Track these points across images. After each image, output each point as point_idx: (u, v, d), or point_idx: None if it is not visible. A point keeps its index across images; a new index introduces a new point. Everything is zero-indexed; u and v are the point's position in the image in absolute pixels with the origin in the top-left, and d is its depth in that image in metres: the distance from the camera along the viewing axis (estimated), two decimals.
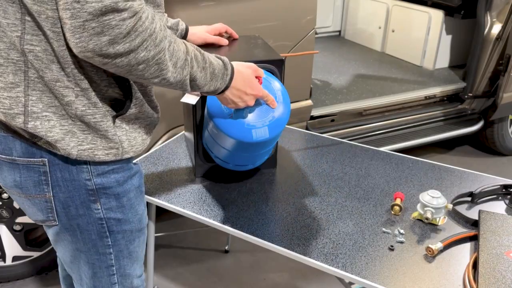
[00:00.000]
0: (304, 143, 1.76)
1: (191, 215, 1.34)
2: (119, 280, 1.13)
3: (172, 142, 1.74)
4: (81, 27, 0.77)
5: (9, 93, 0.90)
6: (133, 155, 1.02)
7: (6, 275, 2.06)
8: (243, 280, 2.18)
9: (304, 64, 2.35)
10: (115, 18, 0.77)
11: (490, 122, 3.12)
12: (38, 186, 0.98)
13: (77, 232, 1.04)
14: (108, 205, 1.03)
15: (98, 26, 0.77)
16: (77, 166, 0.97)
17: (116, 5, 0.77)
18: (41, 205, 1.00)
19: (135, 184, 1.06)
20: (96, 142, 0.95)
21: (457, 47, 3.37)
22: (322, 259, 1.17)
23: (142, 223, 1.13)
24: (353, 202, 1.40)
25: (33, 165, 0.96)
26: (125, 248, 1.10)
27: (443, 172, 1.57)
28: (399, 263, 1.16)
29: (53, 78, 0.89)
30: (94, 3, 0.75)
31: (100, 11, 0.76)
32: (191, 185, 1.47)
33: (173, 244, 2.41)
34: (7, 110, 0.91)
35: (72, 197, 0.99)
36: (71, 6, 0.76)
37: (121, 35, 0.79)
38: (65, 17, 0.77)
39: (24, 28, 0.85)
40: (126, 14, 0.78)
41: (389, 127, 2.84)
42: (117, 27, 0.78)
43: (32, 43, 0.87)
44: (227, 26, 1.51)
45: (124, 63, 0.83)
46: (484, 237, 1.20)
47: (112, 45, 0.79)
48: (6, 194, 1.92)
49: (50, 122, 0.92)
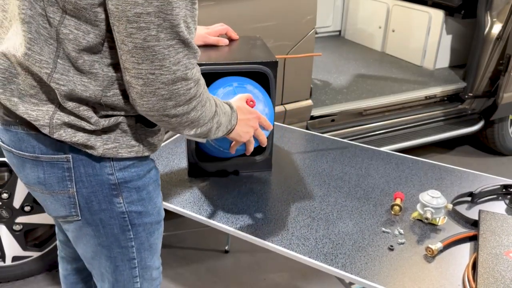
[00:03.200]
0: (304, 143, 1.75)
1: (191, 215, 1.34)
2: (140, 273, 1.15)
3: (172, 142, 1.74)
4: (152, 93, 0.86)
5: (39, 107, 0.94)
6: (151, 153, 1.06)
7: (6, 275, 2.06)
8: (243, 280, 2.18)
9: (304, 64, 2.35)
10: (183, 87, 0.88)
11: (490, 122, 3.12)
12: (61, 182, 1.00)
13: (100, 227, 1.06)
14: (130, 199, 1.05)
15: (168, 93, 0.87)
16: (100, 162, 0.99)
17: (185, 75, 0.87)
18: (64, 200, 1.02)
19: (153, 177, 1.09)
20: (119, 141, 0.98)
21: (457, 47, 3.37)
22: (322, 259, 1.17)
23: (161, 216, 1.15)
24: (353, 202, 1.40)
25: (57, 162, 0.98)
26: (145, 241, 1.12)
27: (443, 172, 1.57)
28: (398, 263, 1.16)
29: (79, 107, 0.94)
30: (168, 75, 0.85)
31: (172, 81, 0.86)
32: (191, 185, 1.47)
33: (173, 244, 2.41)
34: (33, 120, 0.94)
35: (95, 192, 1.01)
36: (145, 77, 0.84)
37: (185, 100, 0.90)
38: (135, 83, 0.86)
39: (55, 67, 0.89)
40: (192, 83, 0.89)
41: (389, 127, 2.84)
42: (183, 94, 0.89)
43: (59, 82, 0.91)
44: (227, 27, 1.50)
45: (177, 121, 0.94)
46: (483, 237, 1.20)
47: (175, 108, 0.90)
48: (6, 194, 1.93)
49: (73, 128, 0.95)
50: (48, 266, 2.12)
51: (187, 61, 0.86)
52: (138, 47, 0.82)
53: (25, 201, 1.96)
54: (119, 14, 0.80)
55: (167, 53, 0.83)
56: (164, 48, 0.82)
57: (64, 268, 1.47)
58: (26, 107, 0.93)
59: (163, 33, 0.81)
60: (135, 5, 0.78)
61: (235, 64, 1.34)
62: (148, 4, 0.78)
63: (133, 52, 0.83)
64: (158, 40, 0.81)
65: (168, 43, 0.82)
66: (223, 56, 1.39)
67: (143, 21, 0.80)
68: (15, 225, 2.00)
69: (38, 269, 2.11)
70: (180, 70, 0.85)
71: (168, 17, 0.80)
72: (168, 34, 0.81)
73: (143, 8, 0.78)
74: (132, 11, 0.79)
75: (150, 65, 0.83)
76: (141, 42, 0.81)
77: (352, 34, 3.98)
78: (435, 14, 3.22)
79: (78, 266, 1.44)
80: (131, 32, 0.81)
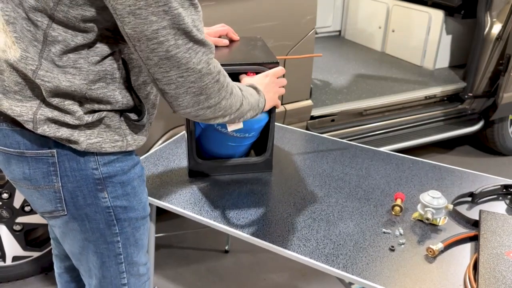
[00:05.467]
0: (304, 143, 1.76)
1: (191, 216, 1.34)
2: (126, 268, 1.17)
3: (172, 142, 1.74)
4: (185, 93, 0.94)
5: (23, 103, 0.96)
6: (135, 148, 1.08)
7: (6, 275, 2.06)
8: (243, 280, 2.18)
9: (304, 64, 2.35)
10: (210, 80, 0.96)
11: (490, 122, 3.12)
12: (47, 177, 1.01)
13: (86, 222, 1.07)
14: (115, 194, 1.07)
15: (198, 89, 0.95)
16: (84, 157, 1.01)
17: (209, 70, 0.95)
18: (50, 195, 1.04)
19: (137, 173, 1.11)
20: (103, 135, 1.01)
21: (457, 47, 3.37)
22: (323, 259, 1.17)
23: (146, 211, 1.17)
24: (353, 203, 1.40)
25: (42, 157, 1.00)
26: (131, 236, 1.14)
27: (443, 172, 1.57)
28: (399, 264, 1.16)
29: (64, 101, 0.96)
30: (195, 74, 0.92)
31: (200, 78, 0.94)
32: (191, 185, 1.47)
33: (173, 244, 2.41)
34: (17, 116, 0.96)
35: (80, 187, 1.03)
36: (176, 81, 0.92)
37: (214, 92, 0.98)
38: (168, 89, 0.93)
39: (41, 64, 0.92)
40: (216, 75, 0.97)
41: (389, 127, 2.84)
42: (212, 87, 0.97)
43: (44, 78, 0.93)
44: (228, 27, 1.50)
45: (211, 113, 1.02)
46: (484, 237, 1.20)
47: (207, 101, 0.98)
48: (6, 194, 1.92)
49: (57, 123, 0.97)
50: (48, 266, 2.12)
51: (207, 57, 0.94)
52: (163, 58, 0.89)
53: (25, 201, 1.96)
54: (138, 36, 0.87)
55: (189, 56, 0.90)
56: (185, 52, 0.90)
57: (58, 266, 1.48)
58: (10, 103, 0.96)
59: (180, 40, 0.88)
60: (151, 24, 0.85)
61: (235, 65, 1.34)
62: (161, 19, 0.85)
63: (160, 64, 0.90)
64: (178, 47, 0.89)
65: (187, 47, 0.90)
66: (224, 56, 1.39)
67: (161, 36, 0.86)
68: (15, 225, 2.00)
69: (38, 269, 2.11)
70: (204, 67, 0.93)
71: (181, 26, 0.87)
72: (185, 39, 0.89)
73: (158, 24, 0.85)
74: (150, 30, 0.86)
75: (177, 70, 0.91)
76: (164, 54, 0.89)
77: (352, 34, 3.98)
78: (435, 14, 3.22)
79: (71, 264, 1.46)
80: (153, 48, 0.88)
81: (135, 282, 1.21)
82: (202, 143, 1.50)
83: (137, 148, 1.09)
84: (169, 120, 2.03)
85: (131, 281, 1.20)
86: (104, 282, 1.17)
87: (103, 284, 1.17)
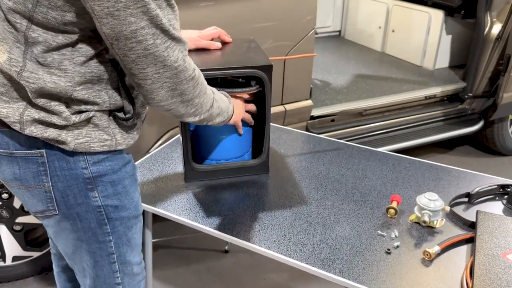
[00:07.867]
0: (300, 144, 1.76)
1: (187, 223, 1.33)
2: (120, 268, 1.17)
3: (167, 146, 1.74)
4: (160, 88, 0.96)
5: (10, 105, 0.96)
6: (125, 147, 1.08)
7: (6, 275, 2.07)
8: (243, 280, 2.19)
9: (304, 64, 2.35)
10: (186, 77, 0.97)
11: (490, 122, 3.12)
12: (37, 177, 1.02)
13: (77, 221, 1.08)
14: (105, 193, 1.07)
15: (173, 84, 0.97)
16: (73, 156, 1.01)
17: (185, 67, 0.96)
18: (41, 195, 1.04)
19: (129, 172, 1.11)
20: (91, 135, 1.01)
21: (457, 47, 3.36)
22: (320, 265, 1.17)
23: (138, 210, 1.17)
24: (350, 205, 1.40)
25: (31, 157, 1.00)
26: (123, 235, 1.14)
27: (440, 172, 1.57)
28: (396, 268, 1.16)
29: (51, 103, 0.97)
30: (171, 70, 0.94)
31: (175, 75, 0.95)
32: (187, 191, 1.47)
33: (173, 245, 2.42)
34: (4, 117, 0.97)
35: (70, 186, 1.03)
36: (152, 77, 0.93)
37: (189, 88, 1.00)
38: (144, 84, 0.95)
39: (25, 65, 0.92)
40: (191, 72, 0.99)
41: (389, 127, 2.83)
42: (186, 83, 0.99)
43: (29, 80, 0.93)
44: (221, 30, 1.50)
45: (184, 109, 1.04)
46: (481, 238, 1.20)
47: (181, 96, 1.00)
48: (6, 194, 1.93)
49: (44, 124, 0.97)
50: (48, 266, 2.13)
51: (182, 54, 0.95)
52: (141, 56, 0.90)
53: None
54: (116, 35, 0.87)
55: (167, 54, 0.92)
56: (163, 51, 0.91)
57: (56, 265, 1.49)
58: None
59: (158, 39, 0.90)
60: (129, 25, 0.86)
61: (228, 69, 1.32)
62: (140, 20, 0.86)
63: (137, 61, 0.91)
64: (156, 46, 0.90)
65: (165, 46, 0.91)
66: (217, 60, 1.37)
67: (140, 35, 0.87)
68: (16, 225, 2.01)
69: (38, 269, 2.12)
70: (181, 64, 0.95)
71: (159, 26, 0.88)
72: (163, 38, 0.90)
73: (137, 25, 0.86)
74: (128, 30, 0.86)
75: (154, 67, 0.92)
76: (142, 52, 0.90)
77: (352, 34, 3.98)
78: (435, 14, 3.21)
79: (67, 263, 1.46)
80: (131, 47, 0.89)
81: (129, 281, 1.21)
82: (198, 145, 1.50)
83: (127, 147, 1.09)
84: (170, 120, 2.03)
85: (125, 281, 1.20)
86: (98, 282, 1.18)
87: (97, 283, 1.18)
